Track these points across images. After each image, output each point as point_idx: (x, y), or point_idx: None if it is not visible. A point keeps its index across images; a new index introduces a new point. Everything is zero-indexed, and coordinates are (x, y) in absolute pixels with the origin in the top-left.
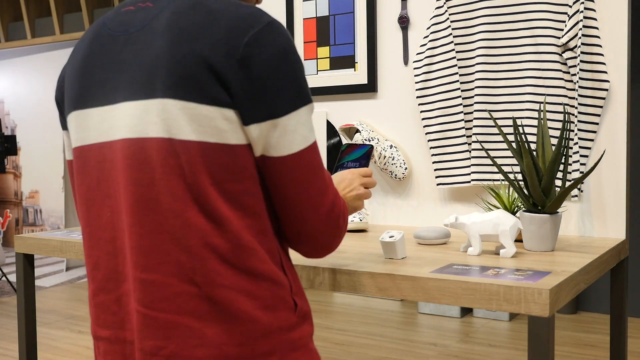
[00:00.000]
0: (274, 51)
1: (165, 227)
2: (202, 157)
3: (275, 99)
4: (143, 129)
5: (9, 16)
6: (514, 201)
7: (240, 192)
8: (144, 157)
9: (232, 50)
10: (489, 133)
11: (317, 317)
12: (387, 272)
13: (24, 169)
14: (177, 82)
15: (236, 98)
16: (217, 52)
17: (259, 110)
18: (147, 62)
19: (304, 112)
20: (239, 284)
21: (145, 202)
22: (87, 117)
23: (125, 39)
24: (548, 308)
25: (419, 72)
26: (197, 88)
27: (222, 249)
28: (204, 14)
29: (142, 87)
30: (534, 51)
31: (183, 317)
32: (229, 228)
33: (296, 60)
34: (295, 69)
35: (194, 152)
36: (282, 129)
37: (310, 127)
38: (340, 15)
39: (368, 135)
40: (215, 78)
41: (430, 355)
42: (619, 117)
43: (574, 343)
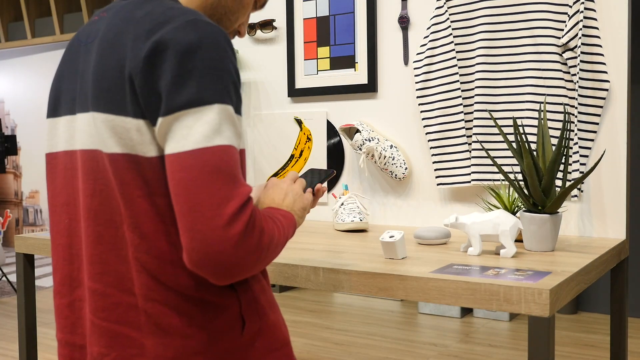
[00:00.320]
0: (182, 46)
1: (105, 237)
2: (130, 170)
3: (176, 93)
4: (86, 141)
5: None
6: (514, 201)
7: (166, 206)
8: (89, 168)
9: (141, 49)
10: (489, 133)
11: (317, 317)
12: (387, 272)
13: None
14: (99, 95)
15: (142, 98)
16: (130, 55)
17: (159, 106)
18: (87, 74)
19: (210, 112)
20: (170, 301)
21: (89, 212)
22: (56, 125)
23: (84, 50)
24: (548, 308)
25: (419, 72)
26: (115, 99)
27: (150, 265)
28: (130, 22)
29: (84, 100)
30: (534, 51)
31: (123, 327)
32: (156, 244)
33: (209, 58)
34: (204, 66)
35: (121, 165)
36: (178, 124)
37: (217, 129)
38: (340, 15)
39: (368, 135)
40: (128, 84)
41: (430, 356)
42: (619, 117)
43: (574, 343)
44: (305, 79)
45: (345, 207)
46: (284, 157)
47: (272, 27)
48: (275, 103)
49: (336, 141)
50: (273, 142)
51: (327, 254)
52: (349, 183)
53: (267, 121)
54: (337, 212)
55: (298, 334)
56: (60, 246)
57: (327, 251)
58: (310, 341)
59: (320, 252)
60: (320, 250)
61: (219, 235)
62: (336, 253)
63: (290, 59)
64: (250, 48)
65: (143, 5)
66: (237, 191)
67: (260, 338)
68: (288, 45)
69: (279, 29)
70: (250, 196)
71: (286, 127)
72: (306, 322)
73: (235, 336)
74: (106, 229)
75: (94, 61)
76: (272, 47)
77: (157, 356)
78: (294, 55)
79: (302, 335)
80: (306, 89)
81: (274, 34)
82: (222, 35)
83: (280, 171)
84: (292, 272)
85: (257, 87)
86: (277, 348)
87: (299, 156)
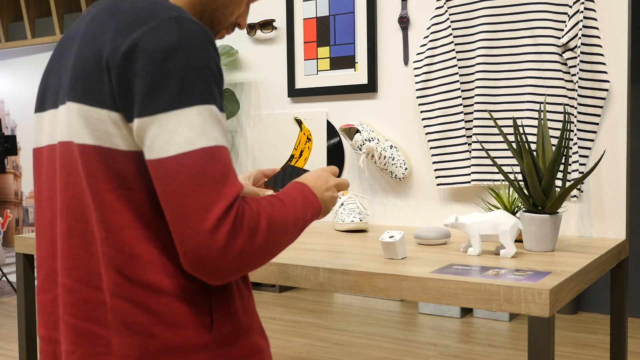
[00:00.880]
0: (163, 45)
1: (76, 232)
2: (100, 162)
3: (156, 94)
4: (63, 133)
5: (9, 16)
6: (514, 201)
7: (141, 201)
8: (64, 161)
9: (121, 44)
10: (489, 133)
11: (317, 317)
12: (387, 272)
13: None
14: (75, 85)
15: (118, 94)
16: (109, 48)
17: (137, 106)
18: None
19: (191, 114)
20: (136, 297)
21: (63, 206)
22: (42, 120)
23: (71, 44)
24: (548, 308)
25: (419, 72)
26: (90, 89)
27: (116, 260)
28: (111, 14)
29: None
30: (534, 51)
31: (91, 324)
32: (123, 238)
33: (190, 56)
34: (185, 66)
35: (91, 157)
36: (158, 127)
37: (201, 131)
38: (340, 15)
39: (368, 136)
40: (106, 76)
41: (430, 356)
42: (618, 117)
43: (574, 343)
44: (305, 79)
45: (345, 207)
46: (284, 157)
47: (272, 27)
48: (275, 103)
49: (336, 141)
50: (273, 142)
51: (327, 254)
52: (349, 183)
53: (267, 121)
54: (337, 212)
55: (298, 334)
56: (44, 242)
57: (327, 251)
58: (310, 341)
59: (320, 252)
60: (320, 250)
61: (206, 240)
62: (336, 253)
63: (290, 59)
64: (250, 48)
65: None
66: (224, 193)
67: (229, 342)
68: (288, 45)
69: (279, 29)
70: (239, 195)
71: (286, 127)
72: (306, 322)
73: (201, 337)
74: (77, 222)
75: (74, 53)
76: (272, 47)
77: (123, 355)
78: (294, 55)
79: (302, 335)
80: (306, 89)
81: (274, 34)
82: (203, 34)
83: None
84: (292, 272)
85: (257, 87)
86: (247, 355)
87: (299, 156)
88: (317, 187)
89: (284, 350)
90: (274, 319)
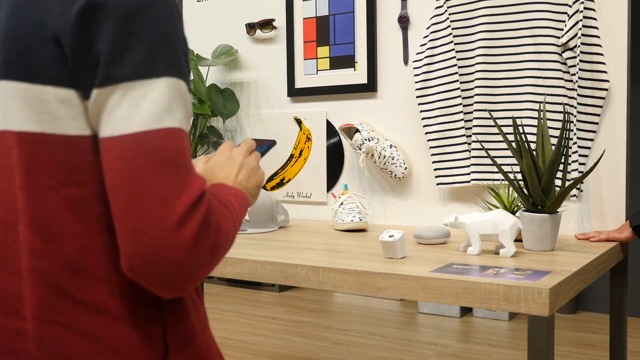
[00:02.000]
0: (125, 4)
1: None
2: (39, 152)
3: (118, 59)
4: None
5: None
6: (513, 201)
7: (89, 199)
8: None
9: (72, 4)
10: (489, 133)
11: (317, 317)
12: (387, 271)
13: None
14: (10, 59)
15: (72, 63)
16: (55, 10)
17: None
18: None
19: (159, 86)
20: (76, 321)
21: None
22: None
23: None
24: (548, 308)
25: (419, 72)
26: (32, 64)
27: (55, 274)
28: None
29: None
30: (534, 51)
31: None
32: (65, 248)
33: (158, 21)
34: (153, 30)
35: (28, 147)
36: (118, 99)
37: (168, 108)
38: (340, 15)
39: (368, 135)
40: (51, 44)
41: (430, 355)
42: (618, 117)
43: (574, 343)
44: (305, 78)
45: (344, 206)
46: (283, 157)
47: (272, 27)
48: (275, 103)
49: (336, 141)
50: None
51: (327, 254)
52: (349, 183)
53: (267, 121)
54: (336, 212)
55: (298, 333)
56: None
57: (327, 251)
58: (310, 341)
59: (320, 252)
60: (319, 250)
61: (168, 238)
62: (336, 253)
63: (289, 58)
64: (250, 48)
65: None
66: (190, 184)
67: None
68: (288, 44)
69: (278, 28)
70: (205, 190)
71: (286, 127)
72: (306, 322)
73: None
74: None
75: (2, 20)
76: (272, 46)
77: None
78: (293, 55)
79: (302, 335)
80: (306, 88)
81: (273, 34)
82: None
83: (280, 171)
84: (292, 272)
85: (256, 87)
86: None
87: (299, 156)
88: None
89: (283, 350)
90: (274, 319)
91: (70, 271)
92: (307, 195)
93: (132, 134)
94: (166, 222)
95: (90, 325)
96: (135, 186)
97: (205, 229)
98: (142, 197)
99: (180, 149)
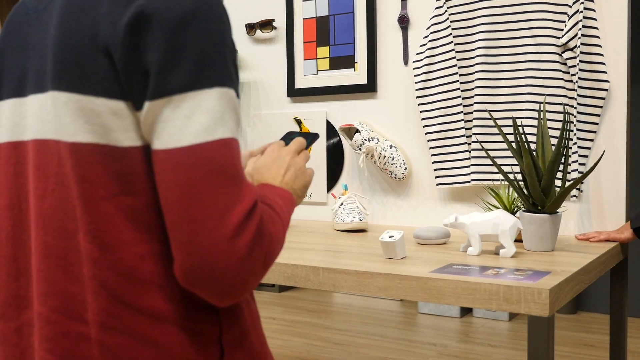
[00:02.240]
0: (175, 13)
1: (53, 250)
2: (96, 163)
3: (169, 71)
4: (39, 129)
5: None
6: (513, 201)
7: (142, 208)
8: (41, 163)
9: (121, 15)
10: (489, 133)
11: (317, 317)
12: (387, 272)
13: None
14: (62, 70)
15: (123, 76)
16: (104, 23)
17: (147, 87)
18: (43, 46)
19: (210, 97)
20: (136, 328)
21: (38, 218)
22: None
23: (34, 18)
24: (548, 308)
25: (419, 72)
26: (83, 76)
27: (112, 283)
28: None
29: (40, 78)
30: (534, 51)
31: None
32: (122, 256)
33: (210, 29)
34: (205, 38)
35: (81, 158)
36: (171, 111)
37: (220, 118)
38: (340, 15)
39: (368, 135)
40: (104, 58)
41: (430, 355)
42: (618, 117)
43: (574, 343)
44: (305, 79)
45: (344, 207)
46: None
47: (272, 27)
48: (275, 103)
49: (336, 141)
50: None
51: (327, 254)
52: (349, 183)
53: (267, 121)
54: (336, 212)
55: (298, 333)
56: (2, 258)
57: (327, 251)
58: (310, 341)
59: (320, 252)
60: (320, 250)
61: (224, 250)
62: (336, 253)
63: (289, 58)
64: (250, 48)
65: None
66: (243, 195)
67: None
68: (288, 45)
69: (278, 28)
70: (257, 199)
71: (286, 127)
72: (306, 322)
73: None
74: (55, 239)
75: (54, 29)
76: (272, 47)
77: None
78: (293, 55)
79: (302, 335)
80: (306, 89)
81: (273, 34)
82: (219, 3)
83: None
84: (292, 272)
85: (256, 87)
86: None
87: None
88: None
89: (283, 350)
90: (274, 319)
91: (126, 279)
92: (307, 196)
93: (187, 146)
94: (222, 233)
95: (149, 331)
96: (191, 199)
97: (259, 237)
98: (197, 210)
99: (233, 159)
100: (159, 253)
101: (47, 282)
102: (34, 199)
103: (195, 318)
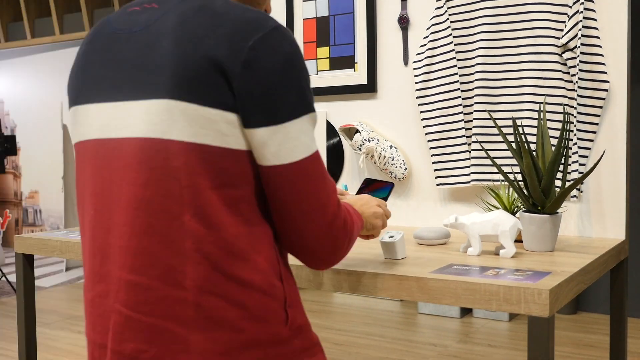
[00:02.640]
0: (280, 56)
1: (156, 228)
2: (202, 160)
3: (278, 104)
4: (143, 129)
5: (9, 16)
6: (513, 201)
7: (240, 198)
8: (145, 157)
9: (237, 52)
10: (489, 133)
11: (317, 317)
12: (387, 272)
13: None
14: (181, 83)
15: (239, 101)
16: (222, 53)
17: (261, 114)
18: (150, 62)
19: (306, 121)
20: (228, 292)
21: (137, 203)
22: (84, 113)
23: (126, 38)
24: (548, 308)
25: (419, 73)
26: (200, 89)
27: (214, 255)
28: (209, 16)
29: (146, 88)
30: (534, 51)
31: (167, 321)
32: (223, 235)
33: (302, 67)
34: (300, 76)
35: (192, 155)
36: (283, 135)
37: (312, 136)
38: (340, 15)
39: (368, 136)
40: (220, 78)
41: (429, 356)
42: (618, 118)
43: (574, 343)
44: None
45: None
46: None
47: None
48: None
49: (336, 141)
50: None
51: None
52: (349, 183)
53: None
54: None
55: None
56: (85, 238)
57: None
58: None
59: None
60: None
61: (326, 232)
62: None
63: None
64: None
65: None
66: (332, 189)
67: (299, 334)
68: None
69: None
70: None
71: None
72: None
73: (280, 331)
74: (158, 220)
75: (164, 49)
76: None
77: (205, 351)
78: None
79: None
80: None
81: None
82: (296, 41)
83: None
84: (293, 273)
85: None
86: (309, 347)
87: None
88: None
89: None
90: None
91: (224, 252)
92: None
93: (296, 161)
94: (321, 222)
95: (239, 295)
96: (301, 199)
97: (346, 226)
98: (310, 205)
99: (322, 164)
100: (248, 234)
101: (149, 256)
102: (134, 187)
103: (274, 286)
